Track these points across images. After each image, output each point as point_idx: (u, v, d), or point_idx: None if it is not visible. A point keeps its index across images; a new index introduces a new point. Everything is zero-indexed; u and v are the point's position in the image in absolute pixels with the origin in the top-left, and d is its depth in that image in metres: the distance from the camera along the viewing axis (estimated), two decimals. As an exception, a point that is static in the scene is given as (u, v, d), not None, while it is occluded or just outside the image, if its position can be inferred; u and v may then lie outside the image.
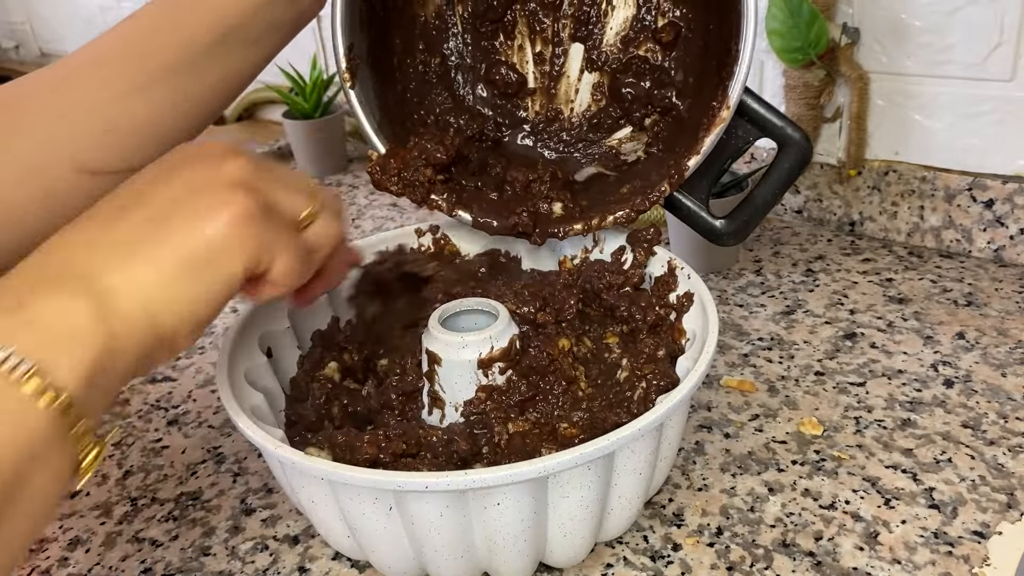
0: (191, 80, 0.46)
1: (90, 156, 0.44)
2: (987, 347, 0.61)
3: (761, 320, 0.67)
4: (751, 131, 0.53)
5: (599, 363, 0.51)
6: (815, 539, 0.46)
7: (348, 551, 0.45)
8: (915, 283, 0.71)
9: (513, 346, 0.46)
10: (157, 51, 0.45)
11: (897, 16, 0.70)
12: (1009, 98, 0.68)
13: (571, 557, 0.43)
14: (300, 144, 1.04)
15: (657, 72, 0.58)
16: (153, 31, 0.46)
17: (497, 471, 0.37)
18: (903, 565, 0.44)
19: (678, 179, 0.53)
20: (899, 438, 0.53)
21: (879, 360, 0.61)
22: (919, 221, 0.76)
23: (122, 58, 0.45)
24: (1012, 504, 0.47)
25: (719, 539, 0.47)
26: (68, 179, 0.44)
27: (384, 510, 0.39)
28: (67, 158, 0.44)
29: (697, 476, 0.51)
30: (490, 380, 0.46)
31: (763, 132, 0.53)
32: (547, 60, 0.61)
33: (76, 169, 0.44)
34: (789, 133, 0.53)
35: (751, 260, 0.76)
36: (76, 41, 1.48)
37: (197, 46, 0.45)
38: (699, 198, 0.55)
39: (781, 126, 0.53)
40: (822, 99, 0.75)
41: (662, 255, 0.54)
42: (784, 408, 0.57)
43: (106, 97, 0.44)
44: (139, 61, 0.45)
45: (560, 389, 0.47)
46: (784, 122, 0.53)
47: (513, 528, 0.39)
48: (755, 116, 0.53)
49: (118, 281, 0.31)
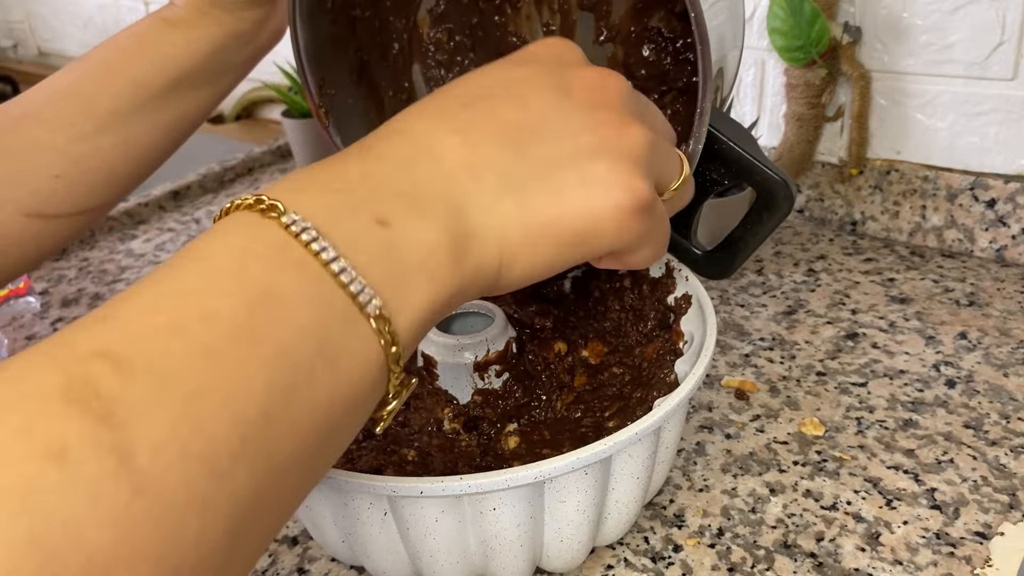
0: (141, 126, 0.45)
1: (40, 200, 0.43)
2: (989, 347, 0.61)
3: (762, 320, 0.67)
4: (726, 175, 0.45)
5: (597, 369, 0.51)
6: (816, 540, 0.46)
7: (343, 556, 0.45)
8: (917, 283, 0.70)
9: (509, 349, 0.46)
10: (107, 97, 0.44)
11: (899, 15, 0.70)
12: (1011, 97, 0.68)
13: (568, 561, 0.43)
14: (299, 143, 1.04)
15: (673, 44, 0.52)
16: (104, 75, 0.45)
17: (492, 476, 0.36)
18: (905, 566, 0.44)
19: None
20: (901, 438, 0.53)
21: (881, 360, 0.61)
22: (921, 221, 0.75)
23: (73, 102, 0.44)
24: (1014, 505, 0.47)
25: (720, 540, 0.46)
26: (18, 223, 0.43)
27: (379, 515, 0.39)
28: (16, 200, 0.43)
29: (698, 477, 0.51)
30: (486, 383, 0.46)
31: (739, 178, 0.44)
32: (557, 31, 0.55)
33: (26, 213, 0.43)
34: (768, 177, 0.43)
35: (752, 260, 0.76)
36: (74, 40, 1.48)
37: (148, 91, 0.44)
38: (680, 232, 0.49)
39: (760, 171, 0.44)
40: (823, 98, 0.74)
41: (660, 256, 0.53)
42: (785, 408, 0.57)
43: (56, 143, 0.43)
44: (88, 107, 0.44)
45: (555, 395, 0.47)
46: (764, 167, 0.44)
47: (509, 533, 0.39)
48: (728, 160, 0.44)
49: (490, 224, 0.28)
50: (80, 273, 0.86)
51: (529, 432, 0.46)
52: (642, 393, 0.46)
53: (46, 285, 0.84)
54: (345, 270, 0.24)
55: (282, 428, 0.22)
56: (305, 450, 0.23)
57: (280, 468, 0.22)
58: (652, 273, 0.53)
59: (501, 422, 0.46)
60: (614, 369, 0.50)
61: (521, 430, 0.46)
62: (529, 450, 0.45)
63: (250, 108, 1.28)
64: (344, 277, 0.23)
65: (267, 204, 0.24)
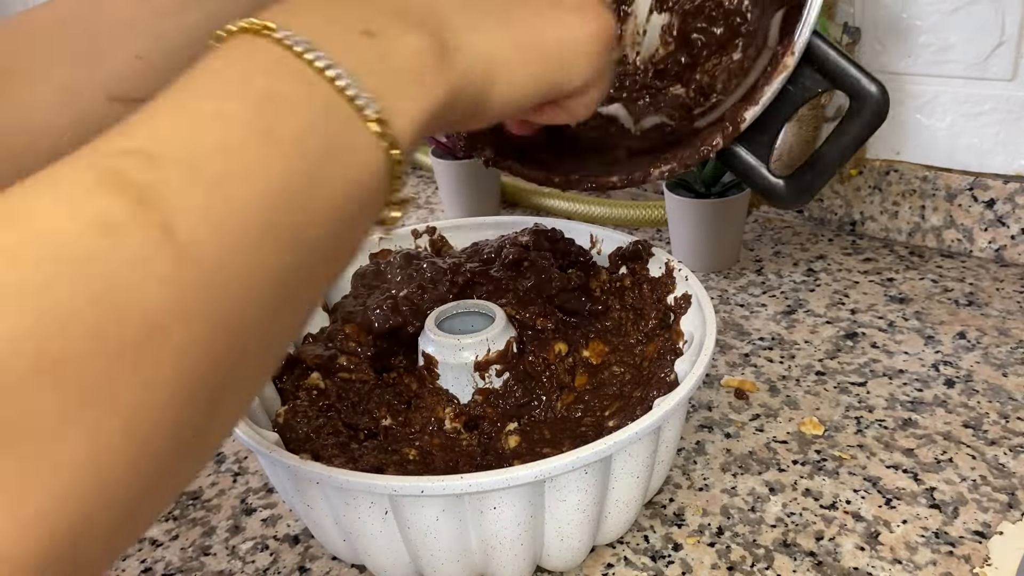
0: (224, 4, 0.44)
1: (122, 83, 0.43)
2: (988, 347, 0.61)
3: (762, 320, 0.67)
4: (819, 81, 0.45)
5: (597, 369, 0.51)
6: (816, 539, 0.46)
7: (344, 555, 0.45)
8: (916, 283, 0.71)
9: (510, 348, 0.46)
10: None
11: (898, 15, 0.70)
12: (1010, 98, 0.68)
13: (568, 560, 0.43)
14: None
15: (732, 17, 0.52)
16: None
17: (493, 475, 0.37)
18: (904, 565, 0.44)
19: (732, 131, 0.45)
20: (900, 438, 0.53)
21: (880, 360, 0.61)
22: (920, 221, 0.75)
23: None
24: (1013, 504, 0.47)
25: (720, 539, 0.47)
26: (100, 107, 0.42)
27: (380, 514, 0.39)
28: (97, 83, 0.42)
29: (698, 476, 0.51)
30: (487, 383, 0.46)
31: (833, 83, 0.45)
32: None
33: (108, 96, 0.42)
34: (864, 85, 0.45)
35: (752, 260, 0.76)
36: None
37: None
38: (758, 153, 0.48)
39: (855, 76, 0.45)
40: (823, 98, 0.74)
41: (660, 256, 0.54)
42: (785, 408, 0.57)
43: (137, 19, 0.43)
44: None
45: (556, 395, 0.47)
46: (859, 72, 0.45)
47: (510, 532, 0.39)
48: (825, 64, 0.45)
49: (474, 40, 0.30)
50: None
51: (529, 431, 0.46)
52: (642, 392, 0.46)
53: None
54: (341, 76, 0.25)
55: (302, 209, 0.24)
56: (325, 236, 0.25)
57: (305, 248, 0.24)
58: (652, 273, 0.54)
59: (502, 421, 0.46)
60: (614, 368, 0.50)
61: (521, 429, 0.46)
62: (529, 449, 0.45)
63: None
64: (340, 82, 0.25)
65: (261, 25, 0.26)
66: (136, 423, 0.19)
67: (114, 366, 0.19)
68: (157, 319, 0.20)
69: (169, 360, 0.20)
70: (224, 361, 0.22)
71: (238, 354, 0.22)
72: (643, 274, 0.54)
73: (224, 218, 0.22)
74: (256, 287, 0.22)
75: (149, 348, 0.19)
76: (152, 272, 0.20)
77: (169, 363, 0.20)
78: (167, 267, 0.20)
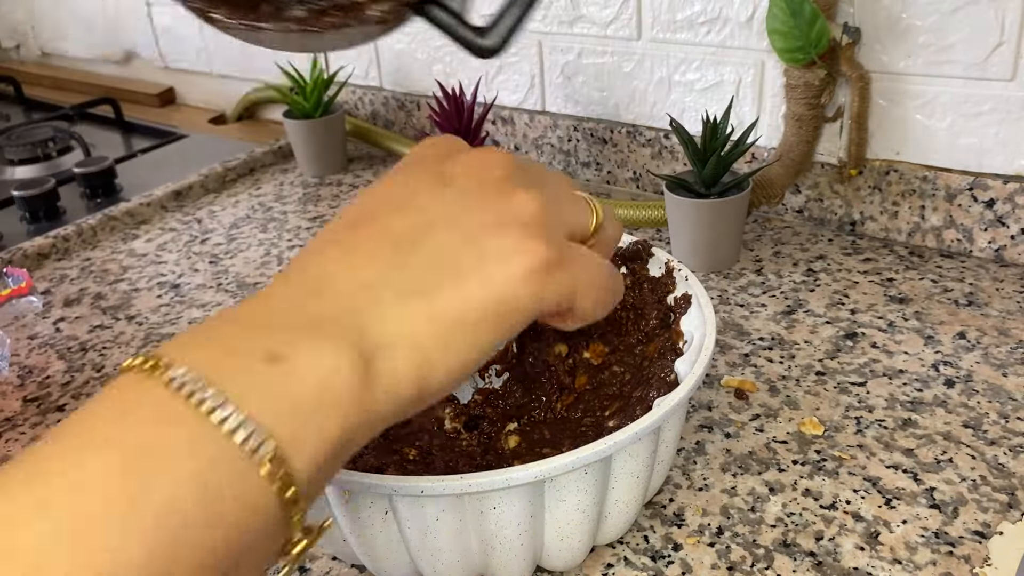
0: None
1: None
2: (988, 347, 0.61)
3: (762, 320, 0.67)
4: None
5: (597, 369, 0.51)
6: (816, 539, 0.46)
7: (344, 555, 0.45)
8: (916, 283, 0.71)
9: (510, 349, 0.46)
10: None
11: (898, 16, 0.70)
12: (1010, 98, 0.68)
13: (568, 561, 0.43)
14: (300, 144, 1.04)
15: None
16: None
17: (493, 475, 0.37)
18: (904, 565, 0.44)
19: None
20: (900, 438, 0.53)
21: (880, 360, 0.61)
22: (920, 221, 0.75)
23: None
24: (1013, 504, 0.47)
25: (720, 539, 0.47)
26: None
27: (380, 514, 0.39)
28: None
29: (698, 476, 0.51)
30: (487, 383, 0.46)
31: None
32: None
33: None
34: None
35: (752, 260, 0.76)
36: (76, 41, 1.49)
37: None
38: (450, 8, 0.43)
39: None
40: (823, 99, 0.74)
41: (660, 256, 0.54)
42: (785, 408, 0.57)
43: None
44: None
45: (556, 396, 0.47)
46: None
47: (510, 532, 0.39)
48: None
49: (395, 338, 0.27)
50: (82, 273, 0.86)
51: (529, 431, 0.46)
52: (642, 392, 0.46)
53: (48, 285, 0.84)
54: (229, 417, 0.23)
55: (174, 560, 0.22)
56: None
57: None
58: (652, 273, 0.54)
59: (501, 421, 0.46)
60: (614, 368, 0.50)
61: (521, 429, 0.46)
62: (529, 449, 0.45)
63: (251, 109, 1.28)
64: (229, 424, 0.23)
65: (151, 364, 0.24)
66: None
67: None
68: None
69: None
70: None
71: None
72: (643, 274, 0.54)
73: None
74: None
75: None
76: None
77: None
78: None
